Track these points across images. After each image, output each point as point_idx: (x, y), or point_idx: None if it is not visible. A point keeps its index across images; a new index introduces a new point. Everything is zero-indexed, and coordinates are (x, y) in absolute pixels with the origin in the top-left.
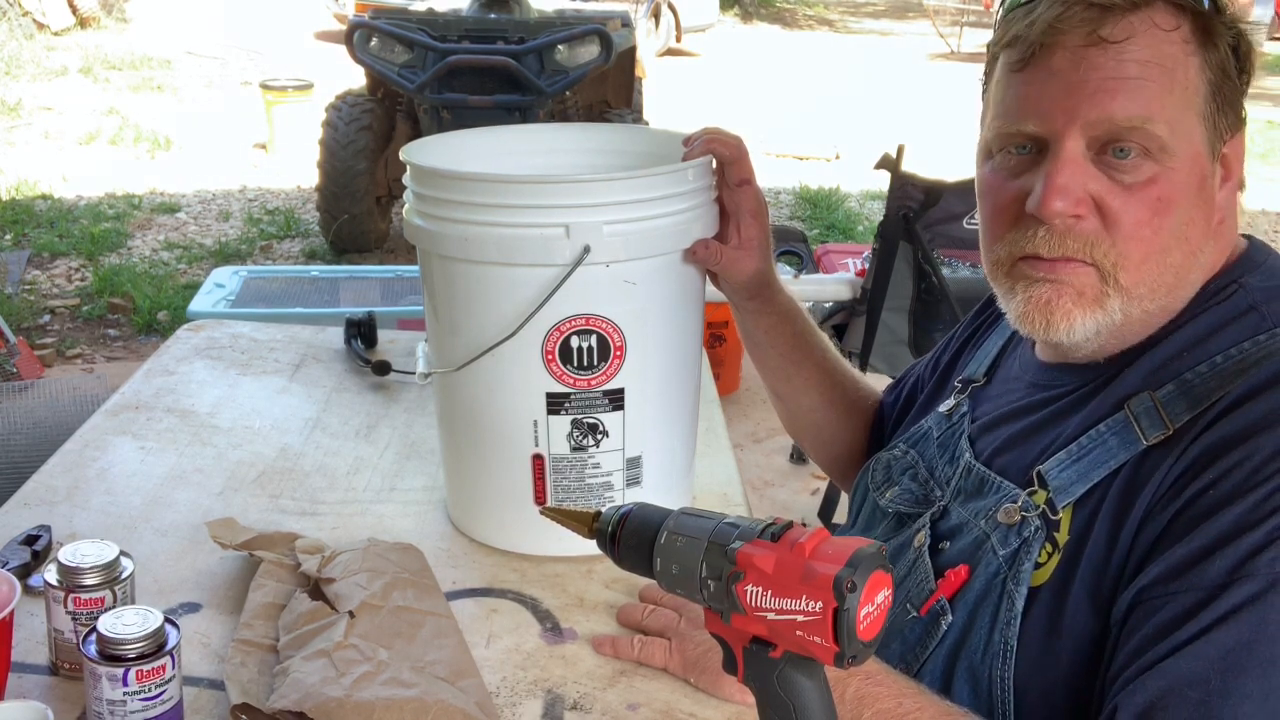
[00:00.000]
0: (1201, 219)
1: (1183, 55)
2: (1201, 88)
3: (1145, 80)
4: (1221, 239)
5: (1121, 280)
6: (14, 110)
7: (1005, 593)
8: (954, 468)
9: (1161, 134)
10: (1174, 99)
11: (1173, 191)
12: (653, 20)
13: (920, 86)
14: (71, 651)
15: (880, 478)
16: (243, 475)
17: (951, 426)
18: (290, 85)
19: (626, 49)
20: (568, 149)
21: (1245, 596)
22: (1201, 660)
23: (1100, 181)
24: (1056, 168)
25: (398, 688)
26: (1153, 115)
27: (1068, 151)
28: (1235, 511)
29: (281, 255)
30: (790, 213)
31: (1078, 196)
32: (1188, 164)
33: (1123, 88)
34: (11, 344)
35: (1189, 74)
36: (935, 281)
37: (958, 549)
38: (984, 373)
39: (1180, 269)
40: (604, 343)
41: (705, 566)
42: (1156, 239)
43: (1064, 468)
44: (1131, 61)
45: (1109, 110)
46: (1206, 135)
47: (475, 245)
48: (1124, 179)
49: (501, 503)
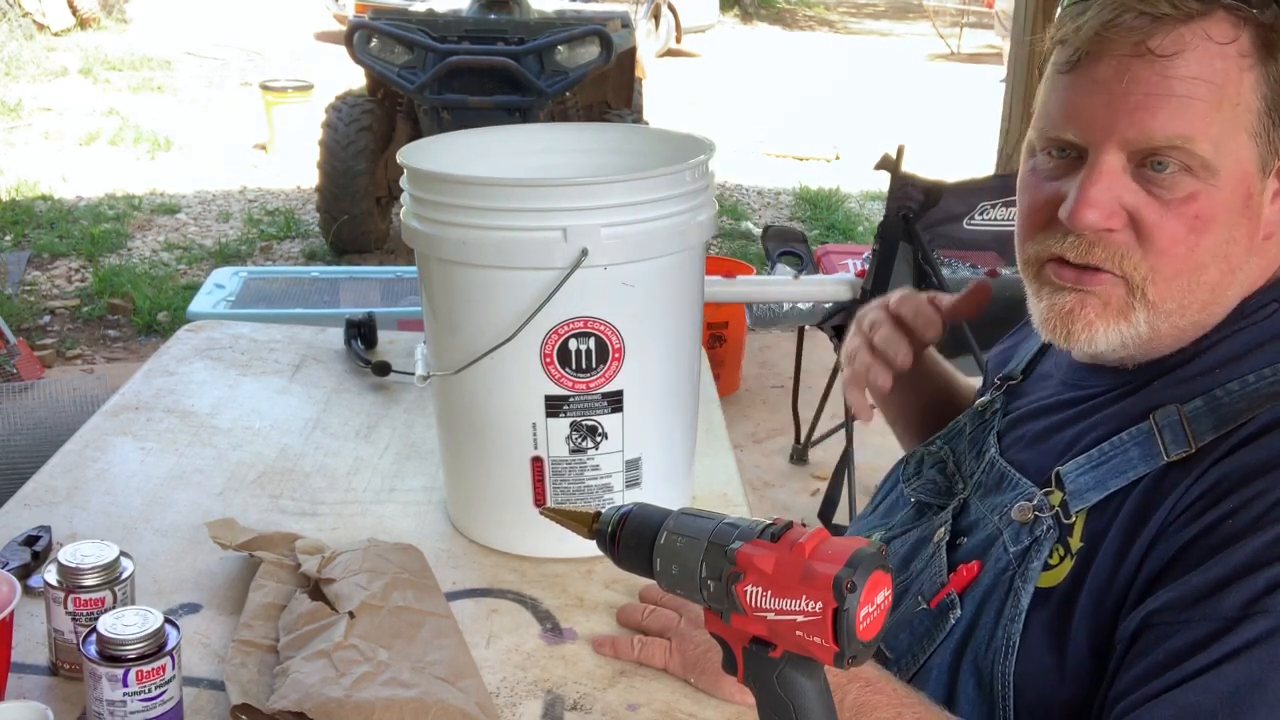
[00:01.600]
0: (1244, 237)
1: (1236, 70)
2: (1255, 104)
3: (1191, 98)
4: (1267, 254)
5: (1150, 295)
6: (14, 111)
7: (1012, 589)
8: (979, 462)
9: (1204, 153)
10: (1222, 116)
11: (1213, 209)
12: (653, 21)
13: (920, 87)
14: (71, 652)
15: (912, 470)
16: (243, 476)
17: (984, 422)
18: (290, 86)
19: (626, 49)
20: (567, 149)
21: (1259, 632)
22: (1211, 694)
23: (1137, 195)
24: (1091, 179)
25: (398, 688)
26: (1195, 135)
27: (1104, 164)
28: (1255, 544)
29: (281, 256)
30: (790, 213)
31: (1110, 210)
32: (1233, 182)
33: (1165, 105)
34: (11, 345)
35: (1242, 90)
36: (935, 282)
37: (972, 545)
38: (1021, 371)
39: (1216, 286)
40: (602, 345)
41: (705, 567)
42: (1191, 256)
43: (1083, 472)
44: (1178, 78)
45: (1149, 128)
46: (1258, 152)
47: (473, 248)
48: (1162, 194)
49: (501, 505)
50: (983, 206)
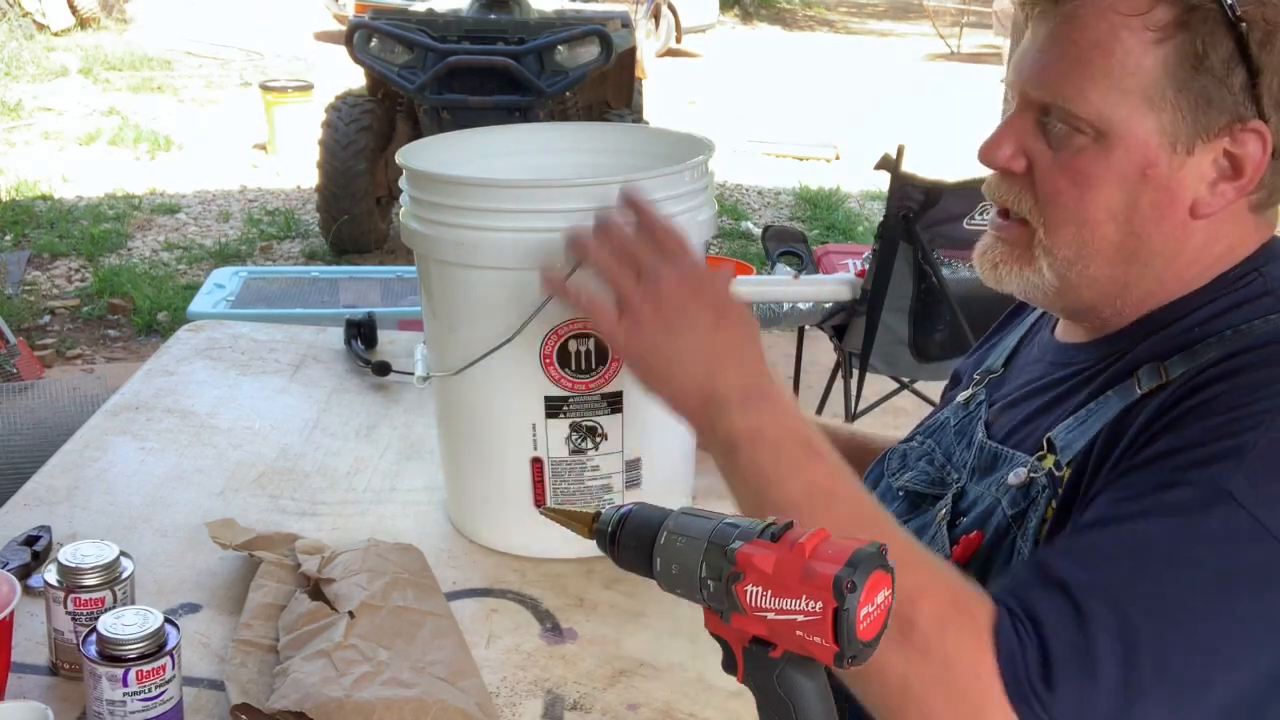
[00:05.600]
0: (1152, 206)
1: (1139, 42)
2: (1158, 76)
3: (1080, 61)
4: (1233, 231)
5: (1045, 240)
6: (14, 110)
7: (1015, 550)
8: (970, 450)
9: (1085, 114)
10: (1110, 83)
11: (1098, 170)
12: (653, 20)
13: (920, 87)
14: (71, 652)
15: (896, 465)
16: (243, 476)
17: (969, 414)
18: (290, 86)
19: (626, 49)
20: (567, 149)
21: (1179, 500)
22: (1118, 542)
23: (1038, 144)
24: (1004, 123)
25: (398, 688)
26: (1074, 96)
27: (1018, 109)
28: (1195, 428)
29: (281, 256)
30: (790, 213)
31: (1010, 152)
32: (1124, 149)
33: (1057, 66)
34: (11, 344)
35: (1143, 61)
36: (935, 282)
37: (972, 518)
38: (1001, 364)
39: (1123, 246)
40: (602, 346)
41: (705, 566)
42: (1078, 209)
43: (1070, 429)
44: (1072, 42)
45: (1040, 84)
46: (1159, 124)
47: (472, 250)
48: (1056, 147)
49: (501, 505)
50: (983, 206)
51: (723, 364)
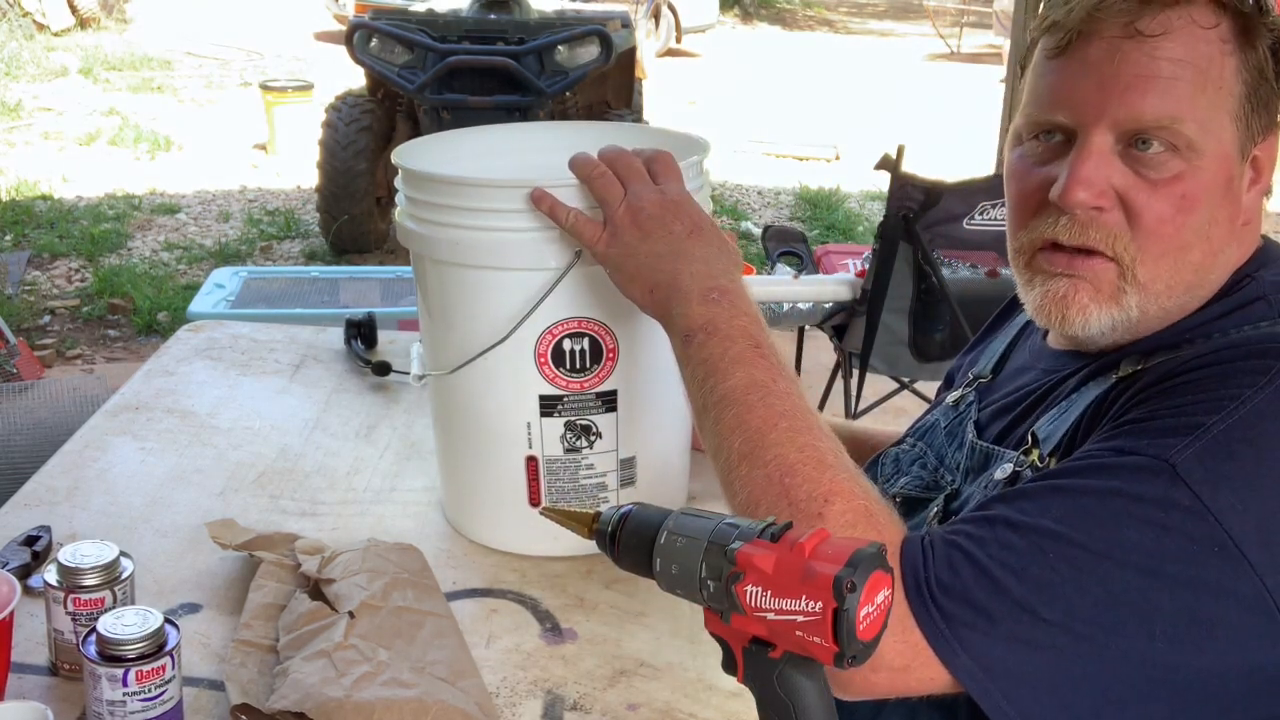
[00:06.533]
0: (1226, 219)
1: (1219, 55)
2: (1237, 89)
3: (1178, 79)
4: (1245, 242)
5: (1139, 275)
6: (14, 110)
7: None
8: (962, 451)
9: (1190, 133)
10: (1206, 98)
11: (1198, 190)
12: (653, 21)
13: (920, 87)
14: (71, 652)
15: (890, 470)
16: (243, 476)
17: (959, 415)
18: (290, 86)
19: (626, 49)
20: (566, 149)
21: (1121, 469)
22: (1049, 507)
23: (1125, 176)
24: (1081, 158)
25: (398, 688)
26: (1182, 115)
27: (1094, 144)
28: (1163, 405)
29: (281, 256)
30: (790, 213)
31: (1101, 189)
32: (1215, 163)
33: (1154, 86)
34: (12, 345)
35: (1224, 74)
36: (935, 282)
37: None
38: (990, 369)
39: (1200, 268)
40: (596, 345)
41: (705, 567)
42: (1178, 236)
43: (1052, 421)
44: (1165, 59)
45: (1139, 108)
46: (1237, 136)
47: (467, 249)
48: (1149, 174)
49: (496, 504)
50: (983, 206)
51: (690, 262)
